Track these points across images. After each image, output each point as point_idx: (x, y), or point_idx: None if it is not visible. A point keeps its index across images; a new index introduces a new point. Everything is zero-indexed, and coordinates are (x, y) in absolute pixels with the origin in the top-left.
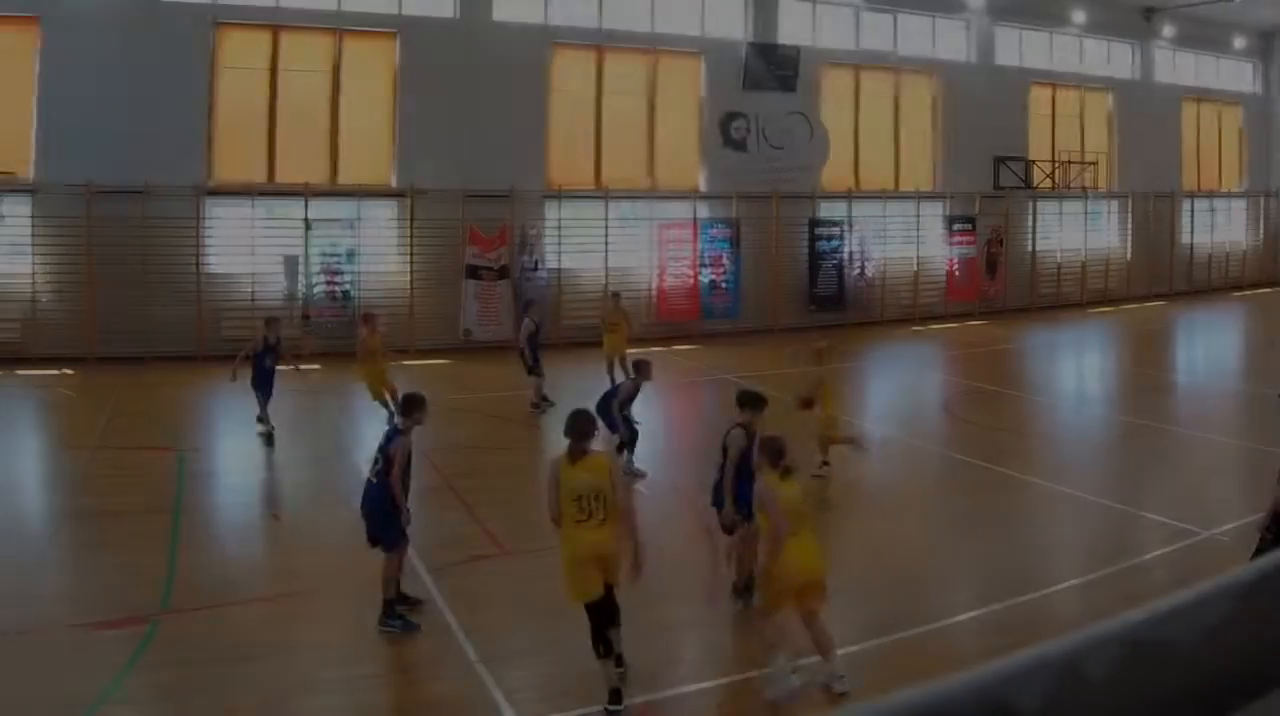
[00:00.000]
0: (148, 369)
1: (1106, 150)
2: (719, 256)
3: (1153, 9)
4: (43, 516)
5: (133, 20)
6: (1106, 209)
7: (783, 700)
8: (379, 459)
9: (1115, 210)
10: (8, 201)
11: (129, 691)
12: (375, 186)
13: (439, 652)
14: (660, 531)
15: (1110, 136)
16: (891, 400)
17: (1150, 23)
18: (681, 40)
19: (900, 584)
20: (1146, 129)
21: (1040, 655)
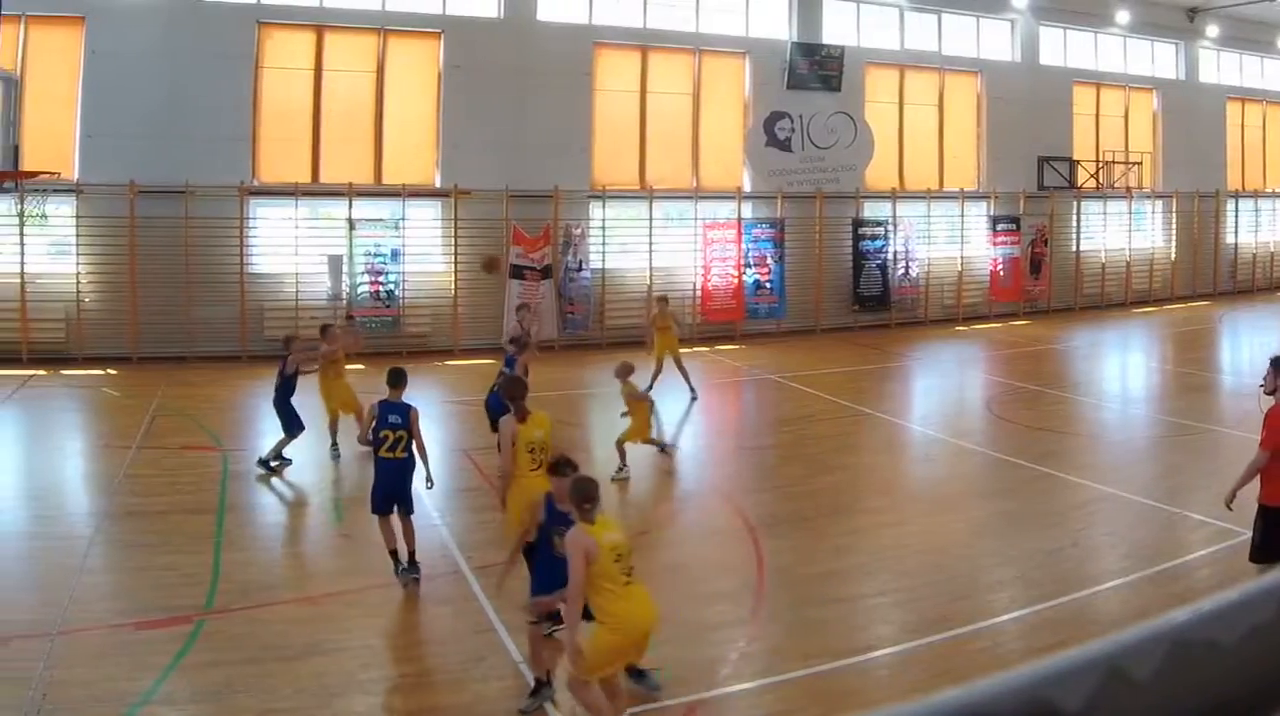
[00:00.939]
0: (191, 369)
1: (1151, 150)
2: (763, 256)
3: (1196, 9)
4: (86, 516)
5: (176, 20)
6: (1150, 209)
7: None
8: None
9: (1159, 210)
10: (51, 201)
11: (172, 691)
12: (419, 186)
13: (483, 652)
14: (702, 532)
15: (1155, 136)
16: (935, 400)
17: (1194, 23)
18: (726, 40)
19: (944, 583)
20: (1191, 129)
21: (1084, 654)
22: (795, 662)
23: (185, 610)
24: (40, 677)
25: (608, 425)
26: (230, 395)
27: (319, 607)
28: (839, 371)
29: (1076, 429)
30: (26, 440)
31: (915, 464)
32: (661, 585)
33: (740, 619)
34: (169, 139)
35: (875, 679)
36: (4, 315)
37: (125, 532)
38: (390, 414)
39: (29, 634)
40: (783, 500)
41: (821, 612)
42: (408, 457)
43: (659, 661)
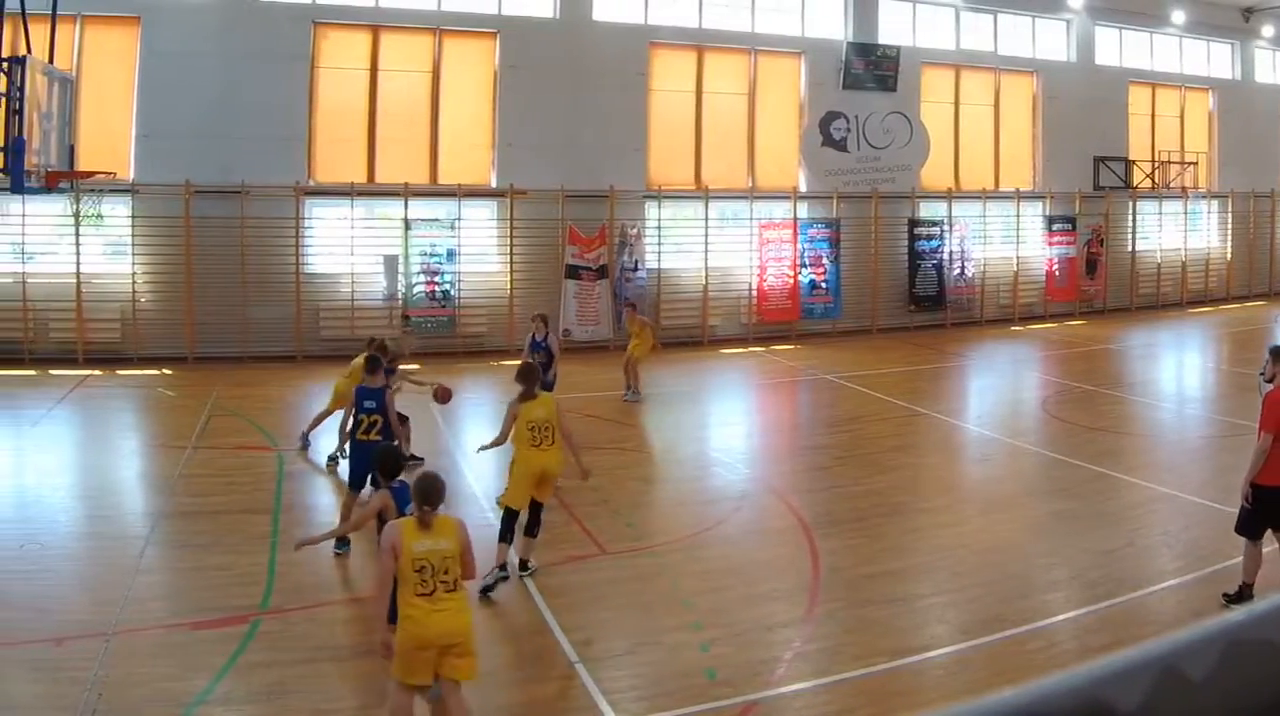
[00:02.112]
0: (246, 369)
1: (1206, 150)
2: (819, 256)
3: (1252, 9)
4: (142, 516)
5: (232, 20)
6: (1206, 209)
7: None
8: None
9: (1215, 210)
10: (107, 202)
11: (227, 691)
12: (475, 186)
13: (538, 653)
14: (757, 531)
15: (1210, 136)
16: (990, 400)
17: (1250, 22)
18: (781, 40)
19: (999, 583)
20: (1247, 128)
21: (1140, 655)
22: (850, 663)
23: (241, 610)
24: (95, 678)
25: (662, 425)
26: (285, 395)
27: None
28: (894, 371)
29: (1132, 429)
30: (82, 440)
31: (971, 464)
32: (716, 585)
33: (795, 619)
34: (225, 139)
35: (931, 679)
36: (60, 315)
37: (181, 532)
38: (366, 399)
39: (84, 634)
40: (838, 500)
41: (877, 613)
42: (382, 440)
43: (715, 661)
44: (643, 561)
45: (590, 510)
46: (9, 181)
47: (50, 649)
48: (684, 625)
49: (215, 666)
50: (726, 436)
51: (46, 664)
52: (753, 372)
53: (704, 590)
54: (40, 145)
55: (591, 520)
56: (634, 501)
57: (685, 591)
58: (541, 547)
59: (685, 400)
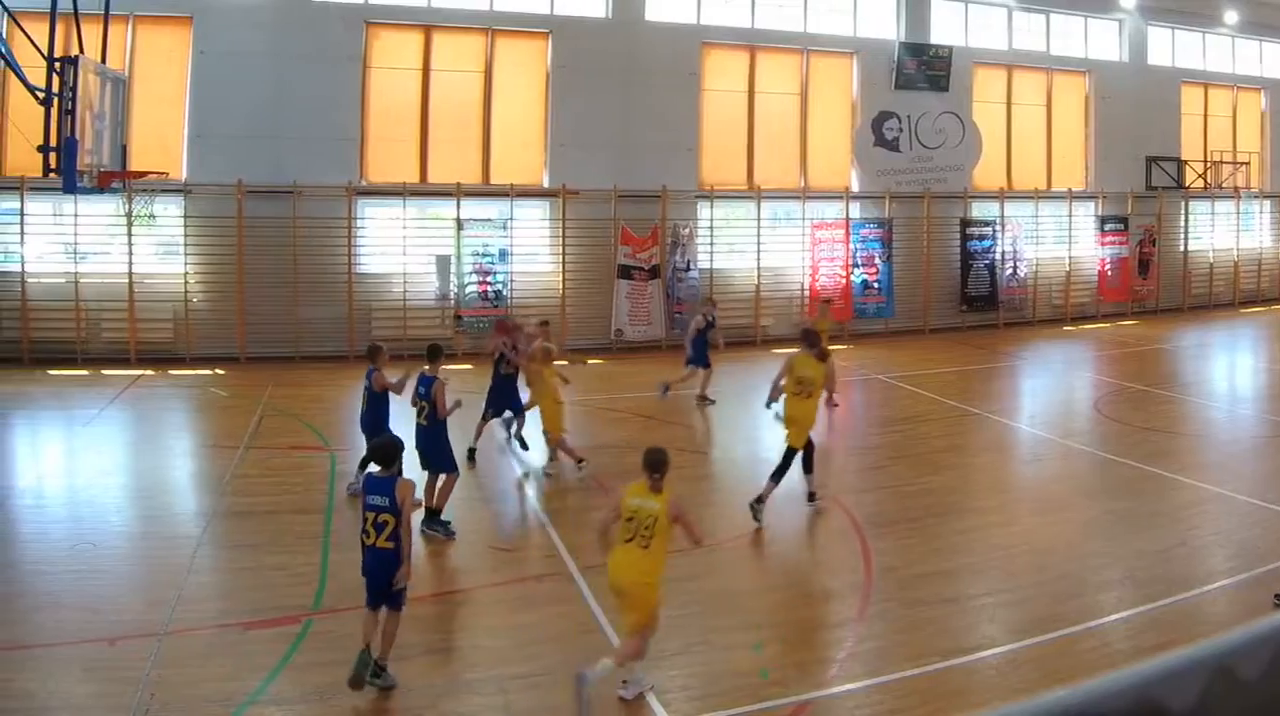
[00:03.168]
0: (298, 369)
1: (1259, 150)
2: (871, 256)
3: None
4: (194, 516)
5: (285, 20)
6: (1259, 209)
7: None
8: (424, 405)
9: (1268, 210)
10: (160, 202)
11: (279, 691)
12: (527, 186)
13: (590, 653)
14: (810, 532)
15: (1263, 136)
16: (1043, 400)
17: None
18: (834, 40)
19: (1052, 583)
20: None
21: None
22: (903, 663)
23: (293, 610)
24: (148, 678)
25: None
26: (337, 395)
27: (427, 608)
28: (947, 371)
29: (1184, 429)
30: (134, 440)
31: (1023, 464)
32: (769, 585)
33: (848, 619)
34: (277, 139)
35: (983, 679)
36: (113, 315)
37: (233, 533)
38: (420, 385)
39: (137, 634)
40: (890, 500)
41: (929, 612)
42: (429, 425)
43: (767, 661)
44: (695, 561)
45: None
46: (61, 181)
47: (103, 649)
48: (736, 625)
49: (267, 666)
50: (778, 437)
51: (99, 663)
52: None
53: (756, 590)
54: (92, 145)
55: None
56: (686, 501)
57: (738, 592)
58: (594, 547)
59: (737, 400)
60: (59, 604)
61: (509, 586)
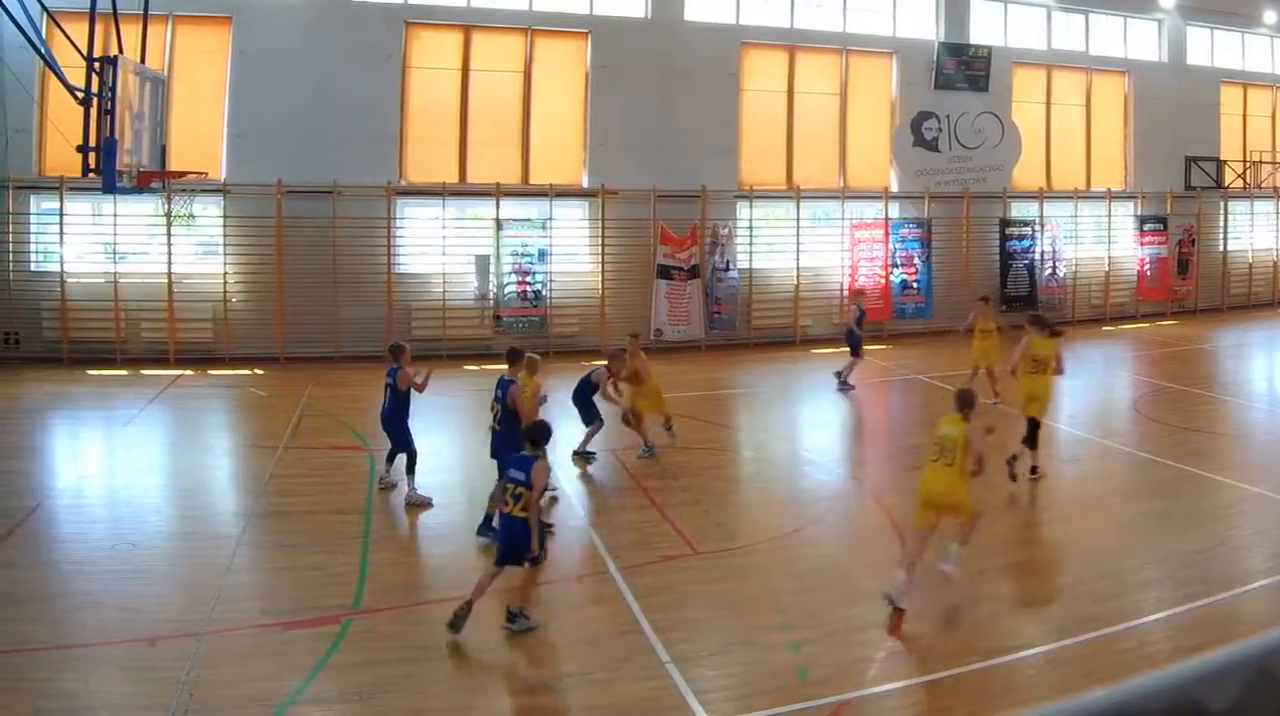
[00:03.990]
0: (337, 368)
1: None
2: (910, 256)
3: None
4: (233, 516)
5: (324, 20)
6: None
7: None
8: (499, 408)
9: None
10: (199, 201)
11: (319, 691)
12: (566, 186)
13: (629, 653)
14: (850, 532)
15: None
16: (1082, 400)
17: None
18: (873, 40)
19: (1092, 583)
20: None
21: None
22: (943, 662)
23: (332, 610)
24: (188, 678)
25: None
26: (377, 395)
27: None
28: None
29: (1224, 429)
30: (174, 440)
31: (1063, 464)
32: (809, 585)
33: (887, 619)
34: (316, 139)
35: (1023, 678)
36: (152, 315)
37: (272, 532)
38: (498, 388)
39: (177, 634)
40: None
41: (969, 612)
42: (503, 428)
43: (807, 661)
44: (734, 561)
45: (682, 510)
46: (101, 181)
47: (143, 649)
48: (776, 625)
49: (307, 666)
50: (818, 437)
51: (139, 663)
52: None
53: (796, 590)
54: (132, 145)
55: (683, 520)
56: (726, 501)
57: (777, 591)
58: (634, 547)
59: (777, 400)
60: (99, 604)
61: (548, 587)
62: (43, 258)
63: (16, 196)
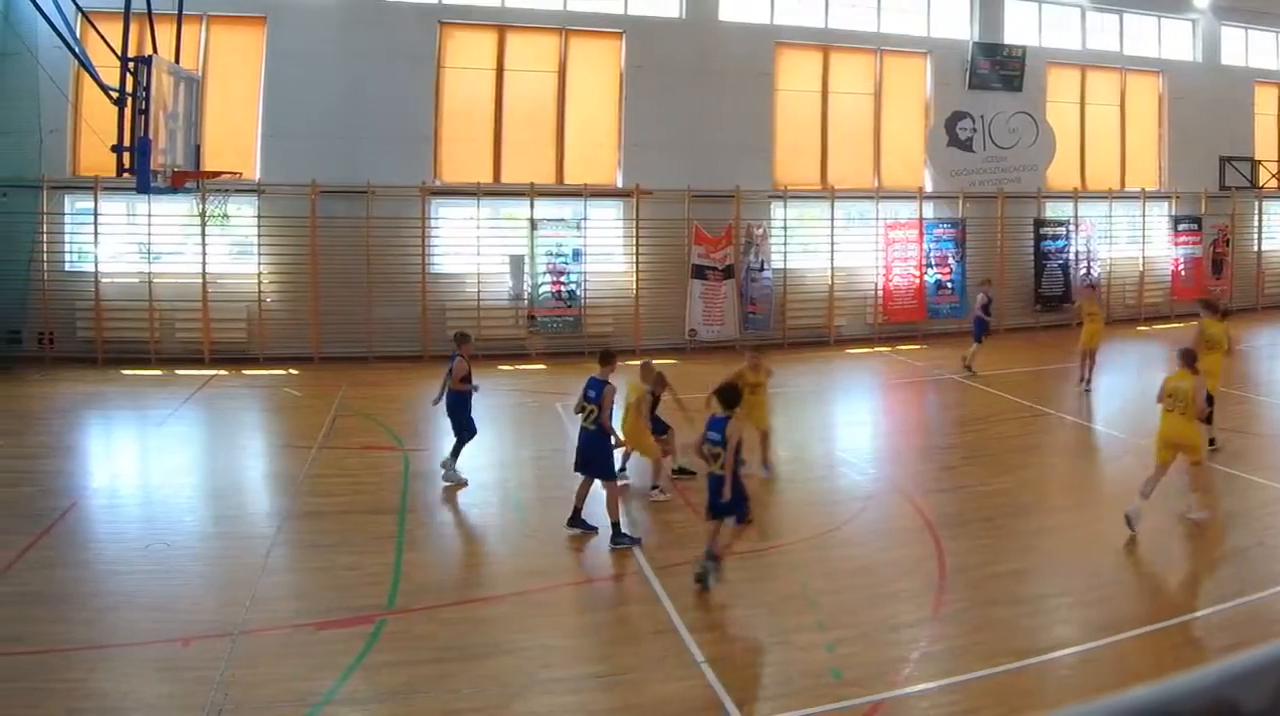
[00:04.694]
0: (371, 368)
1: None
2: (944, 256)
3: None
4: (268, 516)
5: (358, 20)
6: None
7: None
8: (592, 409)
9: None
10: (233, 201)
11: (353, 691)
12: (601, 186)
13: (665, 653)
14: (884, 532)
15: None
16: (1117, 400)
17: None
18: (907, 40)
19: (1126, 583)
20: None
21: (1268, 655)
22: (977, 662)
23: (367, 610)
24: (222, 678)
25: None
26: (411, 395)
27: (500, 608)
28: (1021, 371)
29: (1259, 429)
30: (208, 440)
31: (1097, 464)
32: (843, 585)
33: (922, 619)
34: (351, 139)
35: (1058, 679)
36: (186, 315)
37: (307, 532)
38: (589, 388)
39: (211, 634)
40: (964, 500)
41: (1003, 612)
42: (596, 429)
43: (841, 661)
44: (769, 561)
45: None
46: (136, 181)
47: (177, 649)
48: (810, 624)
49: (341, 666)
50: (853, 436)
51: (173, 663)
52: (879, 373)
53: (830, 590)
54: (166, 145)
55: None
56: (761, 501)
57: (811, 591)
58: (669, 547)
59: (811, 400)
60: (133, 604)
61: (584, 586)
62: (77, 258)
63: (51, 196)
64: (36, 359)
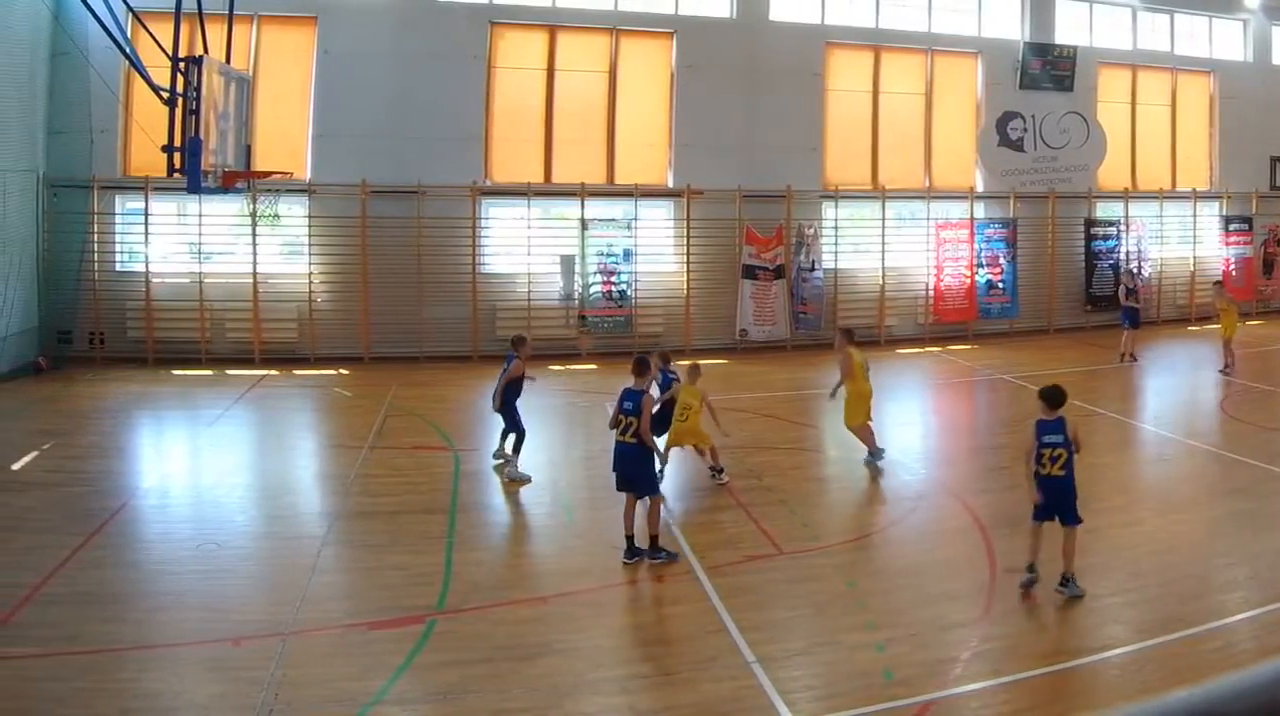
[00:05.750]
0: (422, 368)
1: None
2: (995, 256)
3: None
4: (318, 516)
5: (409, 20)
6: None
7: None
8: (631, 422)
9: None
10: (284, 201)
11: (404, 691)
12: (651, 186)
13: (714, 653)
14: (933, 532)
15: None
16: (1167, 400)
17: None
18: (958, 40)
19: (1176, 583)
20: None
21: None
22: (1027, 662)
23: (417, 610)
24: (273, 678)
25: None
26: (462, 395)
27: (551, 608)
28: (1071, 371)
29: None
30: (259, 440)
31: (1147, 464)
32: (893, 585)
33: (972, 619)
34: (401, 139)
35: (1107, 679)
36: (237, 315)
37: (357, 532)
38: (626, 400)
39: (261, 634)
40: (1014, 500)
41: (1053, 613)
42: (637, 443)
43: (891, 661)
44: (819, 561)
45: (767, 510)
46: (186, 181)
47: (228, 649)
48: (860, 625)
49: (392, 666)
50: (903, 436)
51: (224, 664)
52: (929, 372)
53: (880, 590)
54: (217, 145)
55: (769, 520)
56: (811, 501)
57: (862, 591)
58: (719, 547)
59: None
60: (184, 604)
61: (632, 586)
62: (128, 258)
63: (102, 196)
64: (87, 359)
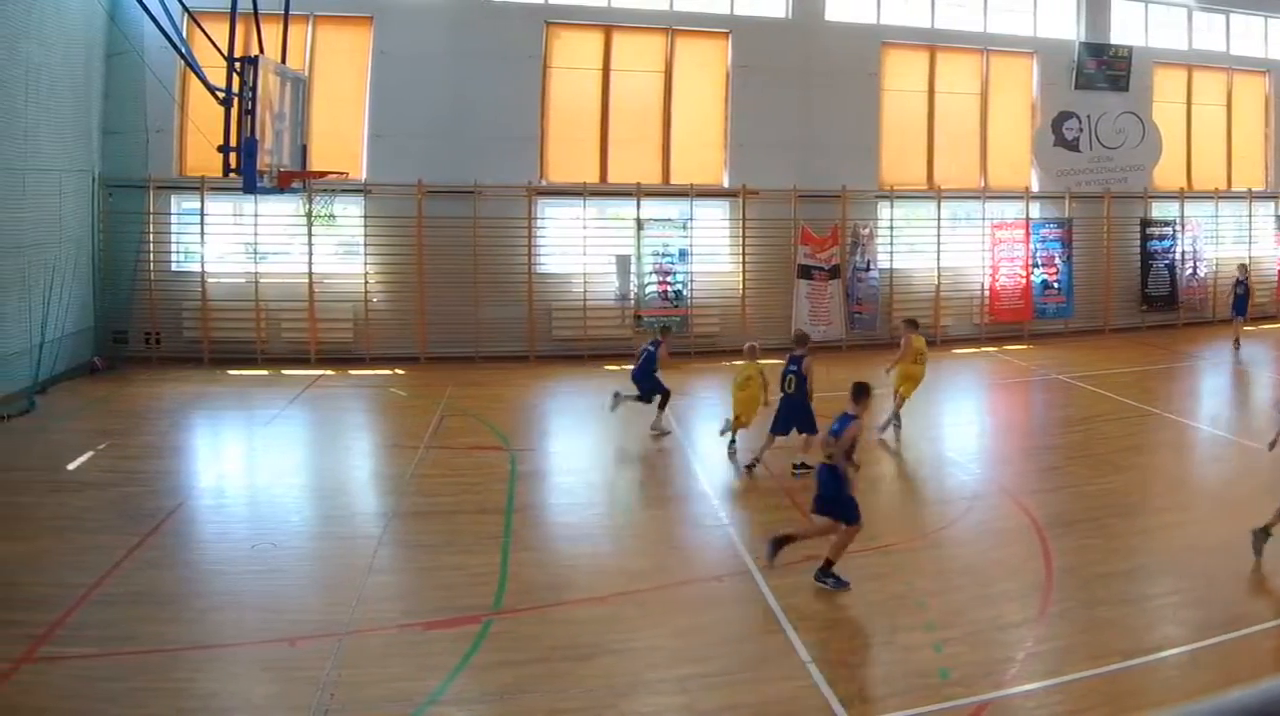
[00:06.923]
0: (478, 369)
1: None
2: (1051, 256)
3: None
4: (374, 516)
5: (464, 20)
6: None
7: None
8: (791, 379)
9: None
10: (340, 201)
11: (460, 692)
12: (707, 186)
13: (771, 653)
14: (989, 532)
15: None
16: (1223, 400)
17: None
18: (1014, 40)
19: (1233, 583)
20: None
21: None
22: (1083, 663)
23: (473, 610)
24: (328, 678)
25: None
26: (518, 395)
27: (607, 608)
28: (1126, 371)
29: None
30: (314, 440)
31: (1203, 464)
32: (950, 585)
33: (1028, 619)
34: (457, 139)
35: (1163, 679)
36: (293, 315)
37: (413, 532)
38: (791, 364)
39: (317, 634)
40: (1070, 500)
41: (1110, 613)
42: (796, 394)
43: (948, 661)
44: (876, 561)
45: None
46: (242, 182)
47: (284, 649)
48: (917, 625)
49: (448, 666)
50: (959, 436)
51: (280, 663)
52: (985, 373)
53: (937, 590)
54: (273, 145)
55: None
56: (867, 501)
57: (918, 591)
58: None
59: (917, 400)
60: (240, 604)
61: (688, 586)
62: (183, 258)
63: (158, 196)
64: (143, 359)
